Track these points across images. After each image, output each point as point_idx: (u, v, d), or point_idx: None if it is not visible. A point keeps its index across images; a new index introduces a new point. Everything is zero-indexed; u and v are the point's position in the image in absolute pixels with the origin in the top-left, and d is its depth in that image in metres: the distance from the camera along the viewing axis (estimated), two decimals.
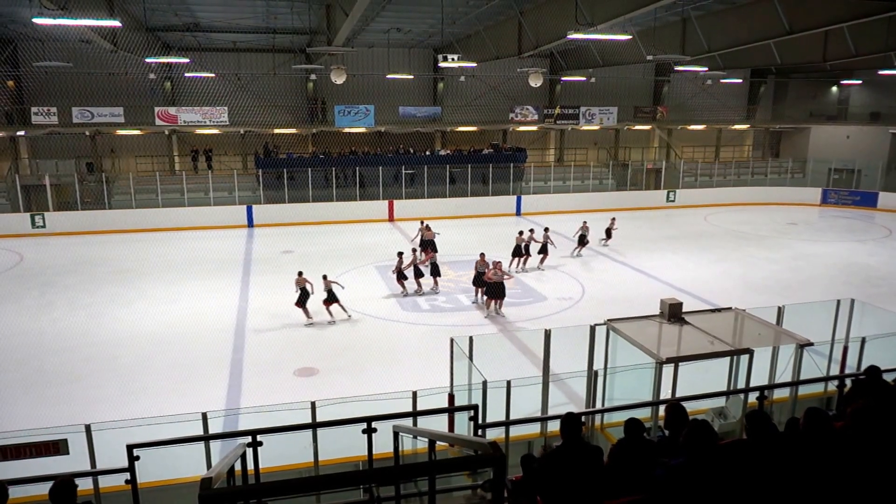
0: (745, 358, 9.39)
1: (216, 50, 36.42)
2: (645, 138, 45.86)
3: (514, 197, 37.29)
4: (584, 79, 37.55)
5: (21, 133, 34.19)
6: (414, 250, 21.96)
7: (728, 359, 10.11)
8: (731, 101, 45.80)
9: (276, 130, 37.38)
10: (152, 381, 15.04)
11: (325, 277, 19.32)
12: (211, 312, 19.87)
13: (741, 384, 9.54)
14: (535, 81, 29.99)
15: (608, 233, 29.17)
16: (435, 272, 21.99)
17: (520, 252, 24.02)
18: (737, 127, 45.74)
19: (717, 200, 40.32)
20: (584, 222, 28.24)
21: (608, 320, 10.37)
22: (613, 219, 30.10)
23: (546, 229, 25.73)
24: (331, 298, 19.15)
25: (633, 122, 42.53)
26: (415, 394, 9.30)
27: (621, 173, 41.45)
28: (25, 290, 22.49)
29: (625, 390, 10.50)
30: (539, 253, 24.79)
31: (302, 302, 18.99)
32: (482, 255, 21.43)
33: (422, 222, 24.78)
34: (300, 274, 19.26)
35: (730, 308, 11.10)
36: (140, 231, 31.77)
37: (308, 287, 19.07)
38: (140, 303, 20.87)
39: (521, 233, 24.28)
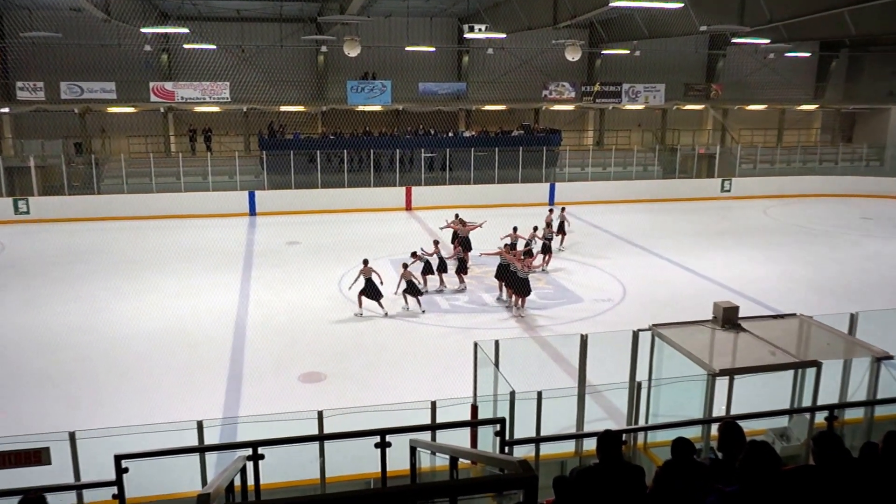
0: (811, 372, 9.22)
1: (218, 19, 36.59)
2: (697, 120, 45.40)
3: (547, 184, 37.12)
4: (627, 52, 37.22)
5: (5, 110, 34.65)
6: (436, 242, 21.99)
7: (791, 372, 9.94)
8: (796, 78, 45.18)
9: (283, 108, 37.51)
10: (143, 385, 15.14)
11: (405, 266, 19.93)
12: (208, 310, 20.00)
13: (807, 402, 9.38)
14: (573, 55, 29.78)
15: (560, 229, 27.03)
16: (461, 268, 21.97)
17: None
18: (803, 107, 45.15)
19: (778, 191, 39.86)
20: (563, 209, 28.13)
21: (653, 325, 10.25)
22: (563, 209, 28.12)
23: (537, 229, 24.64)
24: (413, 290, 19.83)
25: (682, 102, 42.11)
26: (434, 404, 9.25)
27: (669, 159, 41.10)
28: (7, 282, 22.80)
29: (672, 406, 10.38)
30: (542, 252, 24.17)
31: (367, 293, 19.41)
32: (506, 245, 21.37)
33: (456, 216, 24.73)
34: (365, 263, 19.56)
35: (794, 314, 10.92)
36: (132, 218, 32.04)
37: (375, 277, 19.47)
38: (131, 299, 21.03)
39: (515, 229, 23.58)
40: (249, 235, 29.92)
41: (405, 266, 20.01)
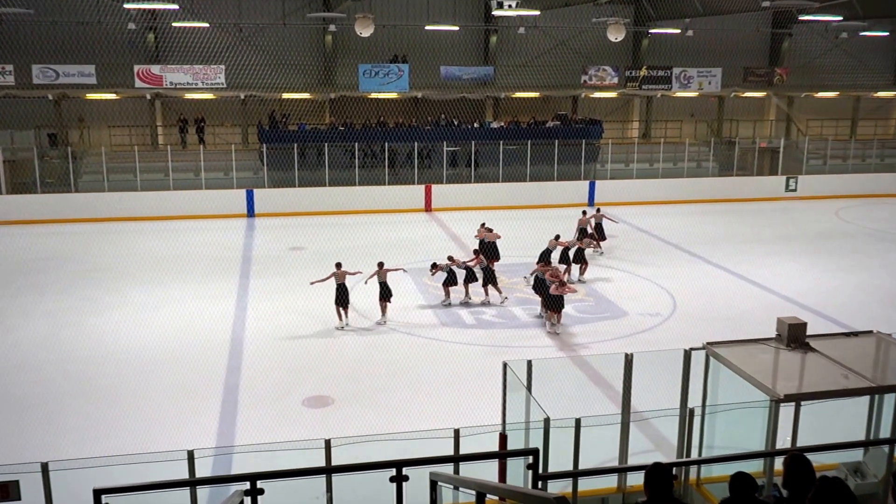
0: (890, 398, 9.17)
1: None
2: (758, 108, 45.18)
3: (587, 182, 37.08)
4: (678, 31, 37.16)
5: None
6: (450, 258, 21.89)
7: (867, 399, 9.88)
8: (873, 61, 44.90)
9: (285, 95, 37.69)
10: (126, 409, 15.24)
11: (381, 265, 20.09)
12: (200, 324, 20.13)
13: (885, 432, 9.31)
14: (616, 34, 29.76)
15: (598, 232, 27.28)
16: (489, 279, 21.87)
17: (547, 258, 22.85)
18: (881, 94, 44.81)
19: (852, 190, 39.56)
20: (598, 209, 28.28)
21: (708, 343, 10.22)
22: (599, 209, 28.60)
23: (588, 234, 25.07)
24: (386, 294, 19.99)
25: (742, 88, 41.93)
26: (457, 432, 9.27)
27: (726, 154, 40.88)
28: None
29: (729, 436, 10.34)
30: (575, 262, 23.95)
31: (341, 301, 19.66)
32: (541, 257, 21.37)
33: (485, 226, 24.79)
34: (338, 266, 19.80)
35: (870, 331, 10.85)
36: (113, 220, 32.28)
37: (347, 282, 19.74)
38: (114, 311, 21.22)
39: (557, 237, 23.55)
40: (247, 239, 30.10)
41: (380, 265, 20.13)
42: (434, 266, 21.60)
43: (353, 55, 38.69)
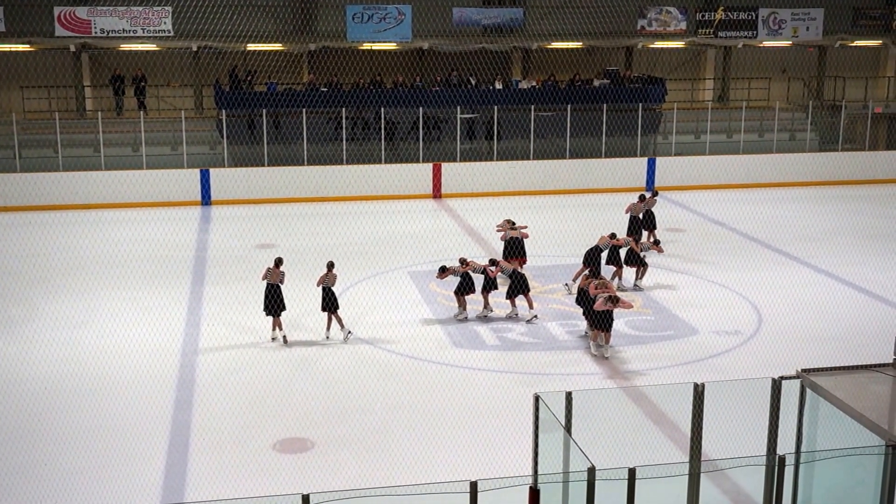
0: None
1: None
2: (871, 62, 44.98)
3: (645, 160, 37.05)
4: None
5: None
6: (462, 261, 21.88)
7: None
8: None
9: (251, 46, 37.69)
10: (40, 456, 15.19)
11: (330, 267, 20.13)
12: (139, 345, 20.08)
13: None
14: None
15: (648, 221, 27.27)
16: (520, 287, 21.80)
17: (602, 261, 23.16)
18: None
19: None
20: (655, 193, 28.12)
21: (803, 371, 10.22)
22: (656, 194, 28.50)
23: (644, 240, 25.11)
24: (331, 303, 20.05)
25: (849, 36, 41.79)
26: (474, 486, 9.28)
27: (829, 122, 40.76)
28: None
29: (832, 491, 10.32)
30: (628, 263, 23.87)
31: (272, 308, 19.82)
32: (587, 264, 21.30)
33: (510, 222, 24.81)
34: (277, 264, 19.95)
35: None
36: (26, 209, 32.34)
37: (280, 284, 19.90)
38: (22, 328, 21.22)
39: (613, 235, 23.49)
40: (201, 234, 30.13)
41: (330, 267, 20.16)
42: (443, 270, 21.50)
43: None
